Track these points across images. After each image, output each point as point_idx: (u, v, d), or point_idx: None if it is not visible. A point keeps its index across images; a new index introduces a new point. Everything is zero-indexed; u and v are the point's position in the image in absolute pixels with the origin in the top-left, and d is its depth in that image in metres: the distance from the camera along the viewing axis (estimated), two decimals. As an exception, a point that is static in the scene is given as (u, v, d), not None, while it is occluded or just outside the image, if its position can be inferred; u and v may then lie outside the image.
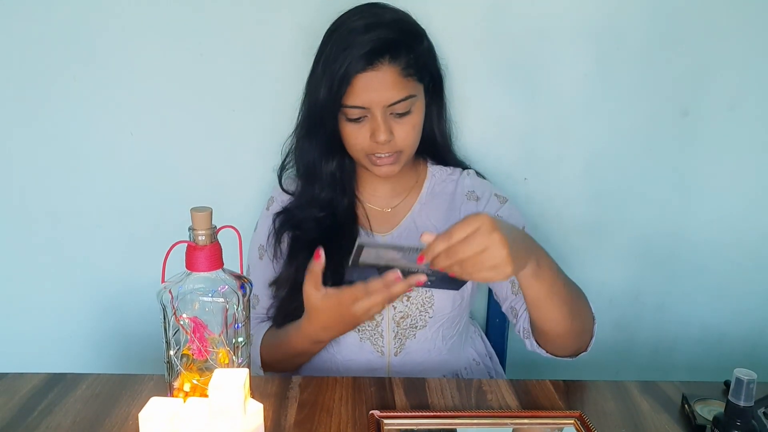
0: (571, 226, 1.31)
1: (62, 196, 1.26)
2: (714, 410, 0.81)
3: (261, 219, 1.12)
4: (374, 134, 0.96)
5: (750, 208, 1.32)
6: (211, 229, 0.72)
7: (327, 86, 0.95)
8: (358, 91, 0.93)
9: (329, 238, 1.01)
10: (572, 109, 1.24)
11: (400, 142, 0.98)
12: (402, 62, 0.94)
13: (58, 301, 1.31)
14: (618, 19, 1.19)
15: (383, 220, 1.09)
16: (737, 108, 1.25)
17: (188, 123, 1.22)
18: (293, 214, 1.07)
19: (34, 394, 0.85)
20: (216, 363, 0.75)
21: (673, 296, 1.37)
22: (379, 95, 0.93)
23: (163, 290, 0.73)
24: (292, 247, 1.05)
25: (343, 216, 1.06)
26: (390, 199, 1.10)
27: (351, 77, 0.93)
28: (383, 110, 0.95)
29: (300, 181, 1.08)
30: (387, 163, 0.99)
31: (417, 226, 1.08)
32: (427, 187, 1.11)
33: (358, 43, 0.92)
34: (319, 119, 0.99)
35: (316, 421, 0.81)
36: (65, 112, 1.21)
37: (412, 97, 0.96)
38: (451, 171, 1.13)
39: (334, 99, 0.94)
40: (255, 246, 1.11)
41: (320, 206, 1.05)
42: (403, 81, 0.94)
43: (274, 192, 1.12)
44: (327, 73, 0.95)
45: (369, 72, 0.92)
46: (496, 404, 0.86)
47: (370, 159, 0.99)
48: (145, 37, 1.17)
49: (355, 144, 0.99)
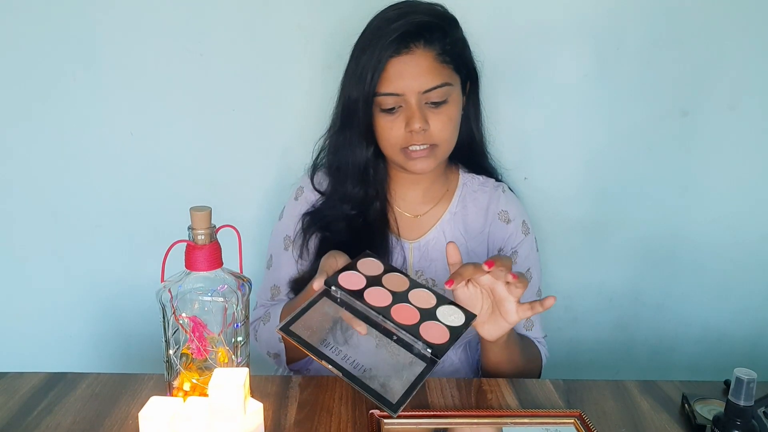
0: (571, 225, 1.31)
1: (62, 196, 1.26)
2: (714, 410, 0.81)
3: (288, 208, 1.10)
4: (409, 122, 0.93)
5: (750, 208, 1.32)
6: (211, 228, 0.72)
7: (361, 77, 0.93)
8: (392, 77, 0.92)
9: (358, 239, 1.00)
10: (572, 108, 1.24)
11: (436, 134, 0.95)
12: (437, 47, 0.93)
13: (58, 301, 1.31)
14: (618, 19, 1.19)
15: (412, 226, 1.07)
16: (737, 108, 1.25)
17: (188, 123, 1.22)
18: (323, 215, 1.05)
19: (34, 393, 0.85)
20: (215, 362, 0.75)
21: (673, 296, 1.37)
22: (414, 81, 0.92)
23: (162, 289, 0.73)
24: (320, 248, 1.03)
25: (373, 218, 1.04)
26: (420, 206, 1.08)
27: (385, 62, 0.91)
28: (418, 97, 0.93)
29: (331, 179, 1.06)
30: (422, 156, 0.96)
31: (445, 237, 1.06)
32: (458, 196, 1.09)
33: (391, 29, 0.91)
34: (354, 113, 0.97)
35: (316, 421, 0.80)
36: (65, 111, 1.21)
37: (448, 86, 0.94)
38: (484, 180, 1.11)
39: (369, 88, 0.93)
40: (280, 235, 1.08)
41: (351, 204, 1.03)
42: (438, 67, 0.93)
43: (303, 182, 1.09)
44: (360, 63, 0.93)
45: (403, 56, 0.91)
46: (496, 404, 0.86)
47: (405, 153, 0.97)
48: (145, 37, 1.17)
49: (390, 137, 0.96)
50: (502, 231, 1.07)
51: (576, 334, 1.38)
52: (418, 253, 1.06)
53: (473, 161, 1.11)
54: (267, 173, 1.24)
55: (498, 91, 1.23)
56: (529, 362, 1.03)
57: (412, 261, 1.06)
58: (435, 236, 1.06)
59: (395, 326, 0.79)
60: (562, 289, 1.35)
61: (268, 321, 1.03)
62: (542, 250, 1.30)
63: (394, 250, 1.04)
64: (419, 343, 0.78)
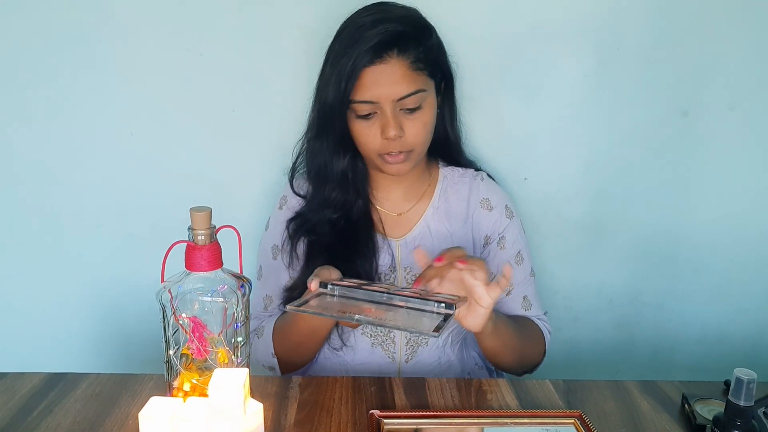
0: (571, 225, 1.31)
1: (62, 196, 1.26)
2: (714, 410, 0.81)
3: (273, 218, 1.11)
4: (384, 130, 0.94)
5: (750, 208, 1.32)
6: (211, 228, 0.72)
7: (336, 83, 0.94)
8: (367, 85, 0.93)
9: (345, 241, 1.02)
10: (572, 109, 1.24)
11: (411, 140, 0.96)
12: (411, 55, 0.93)
13: (58, 301, 1.31)
14: (618, 19, 1.19)
15: (397, 224, 1.08)
16: (737, 108, 1.25)
17: (188, 123, 1.22)
18: (306, 219, 1.05)
19: (34, 394, 0.85)
20: (215, 362, 0.75)
21: (673, 296, 1.37)
22: (388, 89, 0.93)
23: (162, 290, 0.73)
24: (309, 252, 1.04)
25: (357, 219, 1.04)
26: (403, 203, 1.09)
27: (359, 71, 0.92)
28: (393, 105, 0.94)
29: (311, 183, 1.07)
30: (398, 161, 0.98)
31: (431, 231, 1.07)
32: (439, 190, 1.10)
33: (366, 38, 0.92)
34: (330, 119, 0.98)
35: (316, 421, 0.81)
36: (65, 111, 1.21)
37: (422, 92, 0.95)
38: (463, 172, 1.12)
39: (343, 95, 0.93)
40: (268, 246, 1.09)
41: (333, 208, 1.04)
42: (412, 75, 0.94)
43: (287, 191, 1.10)
44: (335, 70, 0.94)
45: (378, 65, 0.92)
46: (496, 404, 0.86)
47: (382, 158, 0.98)
48: (145, 37, 1.17)
49: (366, 143, 0.97)
50: (486, 219, 1.08)
51: (576, 334, 1.38)
52: (405, 250, 1.06)
53: (449, 158, 1.13)
54: (267, 173, 1.24)
55: (498, 92, 1.23)
56: (530, 342, 1.05)
57: (400, 258, 1.06)
58: (420, 232, 1.07)
59: (403, 299, 0.80)
60: (562, 289, 1.35)
61: (262, 335, 1.04)
62: (542, 250, 1.31)
63: (381, 249, 1.05)
64: (430, 303, 0.79)
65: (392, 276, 1.05)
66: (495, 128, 1.25)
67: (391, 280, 1.05)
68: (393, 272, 1.05)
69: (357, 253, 1.02)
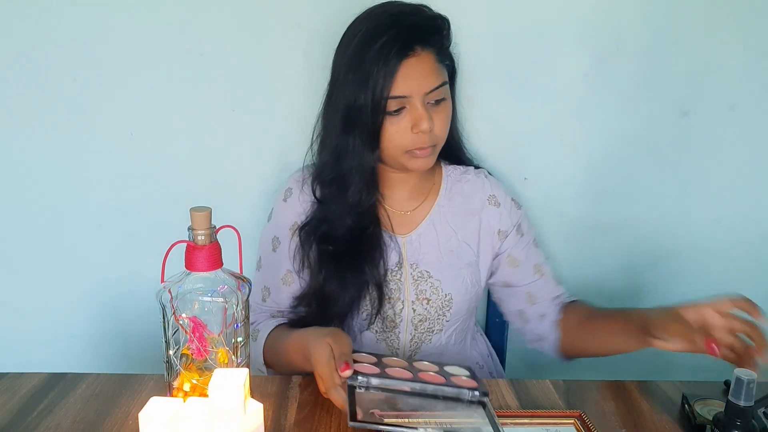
0: (571, 226, 1.31)
1: (62, 196, 1.25)
2: (714, 410, 0.81)
3: (277, 210, 1.10)
4: (417, 124, 0.94)
5: (750, 208, 1.32)
6: (211, 229, 0.72)
7: (365, 84, 0.92)
8: (399, 80, 0.92)
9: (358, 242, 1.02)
10: (572, 109, 1.24)
11: (439, 132, 0.97)
12: (436, 47, 0.95)
13: (58, 301, 1.31)
14: (618, 19, 1.19)
15: (403, 221, 1.08)
16: (737, 108, 1.25)
17: (188, 123, 1.22)
18: (318, 226, 1.04)
19: (34, 394, 0.85)
20: (215, 363, 0.75)
21: (673, 296, 1.36)
22: (420, 82, 0.93)
23: (162, 290, 0.73)
24: (320, 259, 1.03)
25: (368, 219, 1.04)
26: (409, 202, 1.09)
27: (396, 67, 0.92)
28: (422, 98, 0.94)
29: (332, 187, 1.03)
30: (426, 155, 0.98)
31: (436, 229, 1.08)
32: (444, 188, 1.10)
33: (390, 36, 0.92)
34: (358, 119, 0.95)
35: (316, 421, 0.81)
36: (65, 112, 1.21)
37: (446, 84, 0.97)
38: (464, 170, 1.13)
39: (381, 93, 0.92)
40: (269, 237, 1.09)
41: (353, 213, 1.02)
42: (439, 66, 0.95)
43: (292, 182, 1.09)
44: (360, 73, 0.93)
45: (411, 59, 0.92)
46: (496, 404, 0.86)
47: (411, 153, 0.97)
48: (145, 37, 1.17)
49: (395, 139, 0.96)
50: (495, 215, 1.09)
51: (576, 334, 1.38)
52: (411, 247, 1.07)
53: (451, 156, 1.13)
54: (267, 173, 1.24)
55: (498, 91, 1.23)
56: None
57: (406, 255, 1.06)
58: (426, 229, 1.08)
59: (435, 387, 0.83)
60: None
61: (255, 339, 1.03)
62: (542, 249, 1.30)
63: (389, 245, 1.05)
64: (464, 390, 0.82)
65: (399, 272, 1.05)
66: (495, 128, 1.25)
67: (398, 276, 1.05)
68: (400, 269, 1.05)
69: (366, 252, 1.02)
